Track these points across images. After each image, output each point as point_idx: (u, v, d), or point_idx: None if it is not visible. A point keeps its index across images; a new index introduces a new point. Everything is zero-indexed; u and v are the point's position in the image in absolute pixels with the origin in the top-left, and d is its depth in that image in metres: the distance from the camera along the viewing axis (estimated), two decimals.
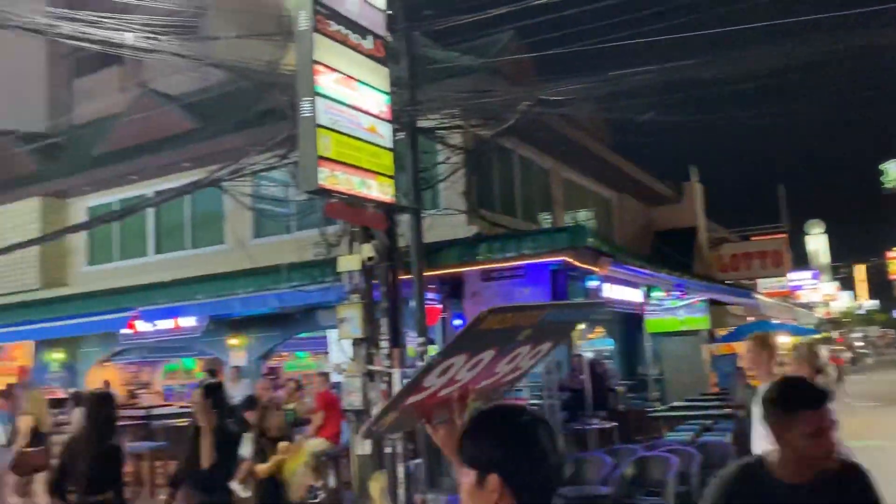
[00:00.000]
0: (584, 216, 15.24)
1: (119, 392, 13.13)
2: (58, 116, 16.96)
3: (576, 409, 10.21)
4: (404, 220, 7.84)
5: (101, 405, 4.90)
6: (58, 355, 14.46)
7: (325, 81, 6.22)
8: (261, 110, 9.60)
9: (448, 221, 9.45)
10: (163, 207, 12.18)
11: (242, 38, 8.38)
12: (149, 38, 7.40)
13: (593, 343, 15.70)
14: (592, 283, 10.08)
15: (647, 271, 11.00)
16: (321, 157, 6.06)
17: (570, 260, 8.76)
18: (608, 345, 15.62)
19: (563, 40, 8.97)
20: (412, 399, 1.76)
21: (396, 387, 6.92)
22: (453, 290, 9.85)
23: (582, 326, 12.79)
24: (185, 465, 4.99)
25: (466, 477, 1.48)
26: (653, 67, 7.66)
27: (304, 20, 6.10)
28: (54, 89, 18.25)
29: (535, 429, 1.50)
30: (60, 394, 12.90)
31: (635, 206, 17.88)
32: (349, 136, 6.43)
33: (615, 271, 9.85)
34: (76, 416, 9.51)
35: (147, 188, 12.93)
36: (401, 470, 6.82)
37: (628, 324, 14.54)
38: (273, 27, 7.88)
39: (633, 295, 12.69)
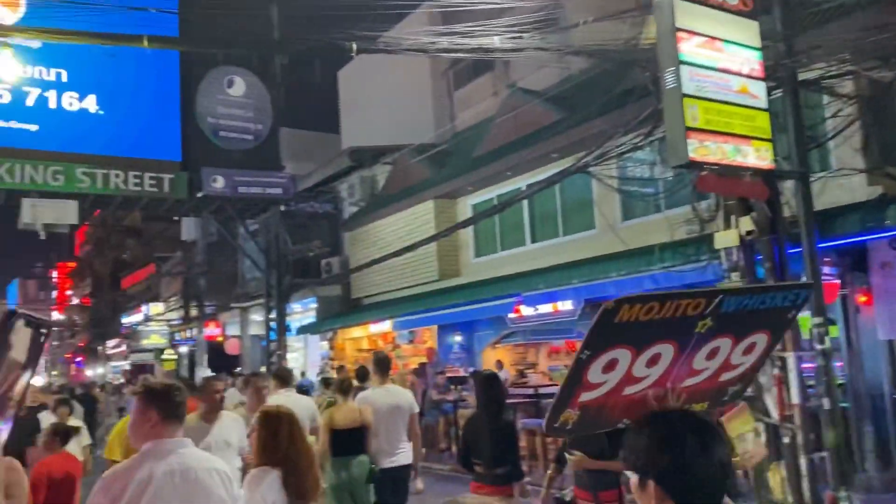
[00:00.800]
0: None
1: (510, 372, 14.27)
2: (442, 126, 19.08)
3: None
4: (788, 186, 7.07)
5: (487, 386, 5.34)
6: (457, 338, 16.30)
7: (688, 48, 5.91)
8: (622, 91, 9.53)
9: (843, 183, 8.27)
10: (535, 198, 12.86)
11: (600, 20, 8.41)
12: (513, 38, 7.88)
13: None
14: None
15: None
16: (689, 129, 5.78)
17: None
18: None
19: None
20: (586, 396, 1.72)
21: (792, 372, 6.30)
22: (855, 262, 8.61)
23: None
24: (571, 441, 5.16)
25: (633, 478, 1.52)
26: None
27: None
28: (438, 103, 20.57)
29: (697, 435, 1.49)
30: (461, 372, 14.52)
31: None
32: (718, 101, 6.02)
33: None
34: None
35: (521, 182, 13.80)
36: (803, 462, 6.18)
37: None
38: (630, 3, 7.77)
39: None
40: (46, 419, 7.08)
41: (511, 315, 12.89)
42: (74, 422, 7.00)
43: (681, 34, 5.86)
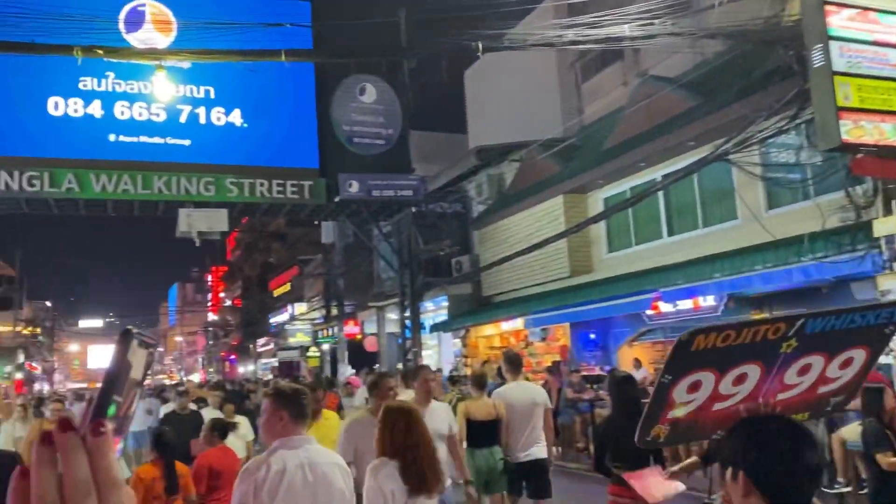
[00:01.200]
0: None
1: (648, 370, 13.85)
2: (570, 120, 18.80)
3: None
4: None
5: (622, 388, 5.21)
6: (591, 335, 16.01)
7: (838, 21, 5.49)
8: (763, 73, 8.98)
9: None
10: (671, 189, 12.40)
11: (738, 0, 7.97)
12: (644, 25, 7.63)
13: None
14: None
15: None
16: (841, 108, 5.37)
17: None
18: None
19: None
20: (674, 414, 1.87)
21: None
22: None
23: None
24: (716, 442, 4.94)
25: (728, 471, 1.64)
26: None
27: None
28: (565, 96, 20.29)
29: (788, 435, 1.62)
30: (597, 371, 14.25)
31: None
32: (874, 77, 5.55)
33: None
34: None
35: (655, 173, 13.34)
36: None
37: None
38: None
39: None
40: (209, 414, 7.62)
41: (649, 312, 12.49)
42: (237, 417, 7.48)
43: (829, 7, 5.46)
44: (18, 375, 38.21)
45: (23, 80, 13.19)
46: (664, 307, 12.14)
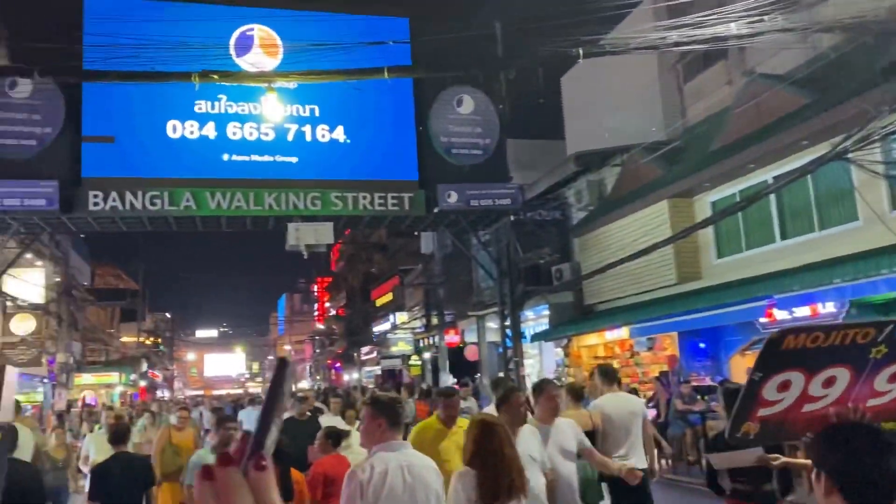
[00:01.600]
0: None
1: None
2: (673, 122, 18.26)
3: None
4: None
5: (734, 400, 4.98)
6: (700, 344, 15.44)
7: None
8: (885, 66, 8.43)
9: None
10: (784, 191, 11.82)
11: None
12: (751, 23, 7.32)
13: None
14: None
15: None
16: None
17: None
18: None
19: None
20: (764, 412, 1.92)
21: None
22: None
23: None
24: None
25: (814, 472, 1.72)
26: None
27: None
28: (667, 98, 19.72)
29: (871, 442, 1.68)
30: (708, 381, 13.73)
31: None
32: None
33: None
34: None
35: (765, 174, 12.76)
36: None
37: None
38: None
39: None
40: (327, 421, 7.84)
41: (762, 319, 11.92)
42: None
43: None
44: (142, 383, 40.71)
45: (144, 107, 14.09)
46: (779, 314, 11.55)
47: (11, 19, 14.69)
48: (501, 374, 16.40)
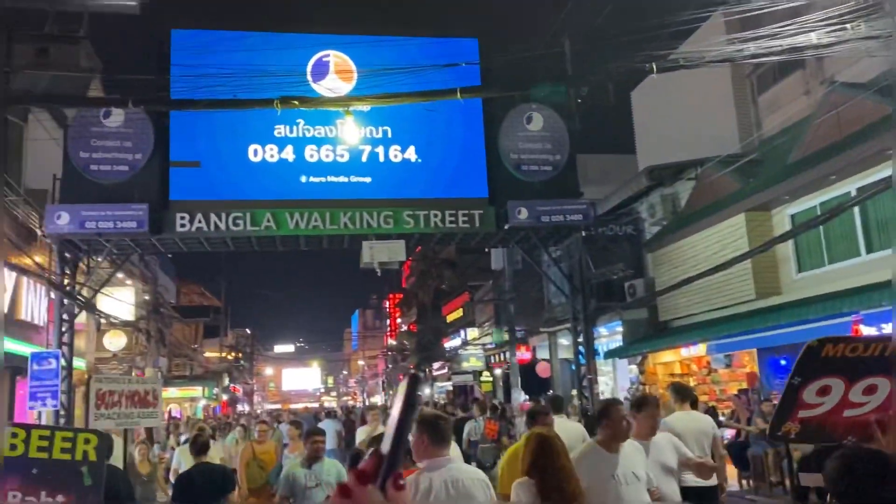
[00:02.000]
0: None
1: None
2: (747, 134, 17.76)
3: None
4: None
5: None
6: (781, 362, 14.85)
7: None
8: None
9: None
10: (869, 203, 11.32)
11: None
12: (831, 31, 7.08)
13: None
14: None
15: None
16: None
17: None
18: None
19: None
20: (804, 413, 2.02)
21: None
22: None
23: None
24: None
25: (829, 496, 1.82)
26: None
27: None
28: (741, 110, 19.21)
29: (876, 468, 1.72)
30: None
31: None
32: None
33: None
34: None
35: (848, 186, 12.26)
36: None
37: None
38: None
39: None
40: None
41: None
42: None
43: None
44: (224, 397, 41.95)
45: (227, 132, 14.65)
46: (866, 331, 11.02)
47: (104, 52, 15.55)
48: (557, 393, 16.18)
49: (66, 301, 14.22)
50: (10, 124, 14.71)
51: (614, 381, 20.63)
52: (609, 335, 19.81)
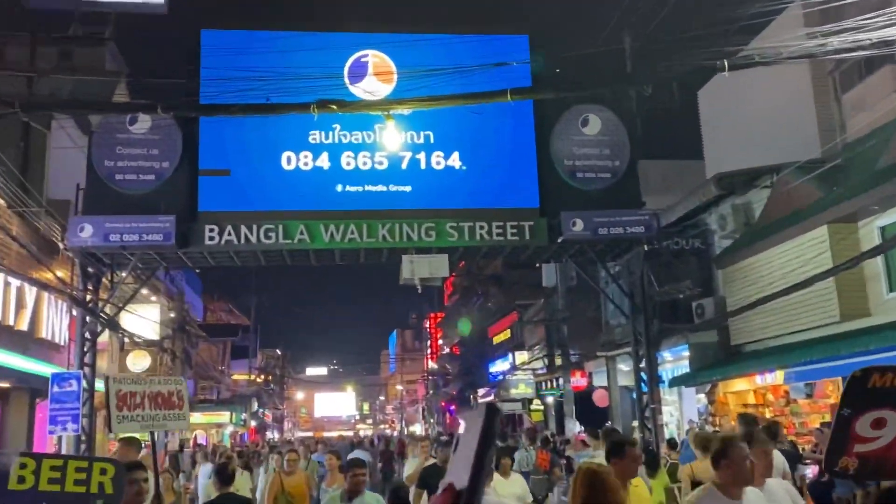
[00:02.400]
0: None
1: None
2: (830, 138, 17.38)
3: None
4: None
5: None
6: None
7: None
8: None
9: None
10: None
11: None
12: None
13: None
14: None
15: None
16: None
17: None
18: None
19: None
20: (860, 448, 2.06)
21: None
22: None
23: None
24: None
25: None
26: None
27: None
28: (822, 111, 18.82)
29: None
30: None
31: None
32: None
33: None
34: None
35: None
36: None
37: None
38: None
39: None
40: None
41: None
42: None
43: None
44: (252, 423, 42.43)
45: (258, 139, 14.92)
46: None
47: (131, 55, 16.02)
48: (609, 425, 15.93)
49: (88, 319, 14.59)
50: (33, 131, 15.26)
51: (680, 411, 20.26)
52: (674, 360, 19.48)
